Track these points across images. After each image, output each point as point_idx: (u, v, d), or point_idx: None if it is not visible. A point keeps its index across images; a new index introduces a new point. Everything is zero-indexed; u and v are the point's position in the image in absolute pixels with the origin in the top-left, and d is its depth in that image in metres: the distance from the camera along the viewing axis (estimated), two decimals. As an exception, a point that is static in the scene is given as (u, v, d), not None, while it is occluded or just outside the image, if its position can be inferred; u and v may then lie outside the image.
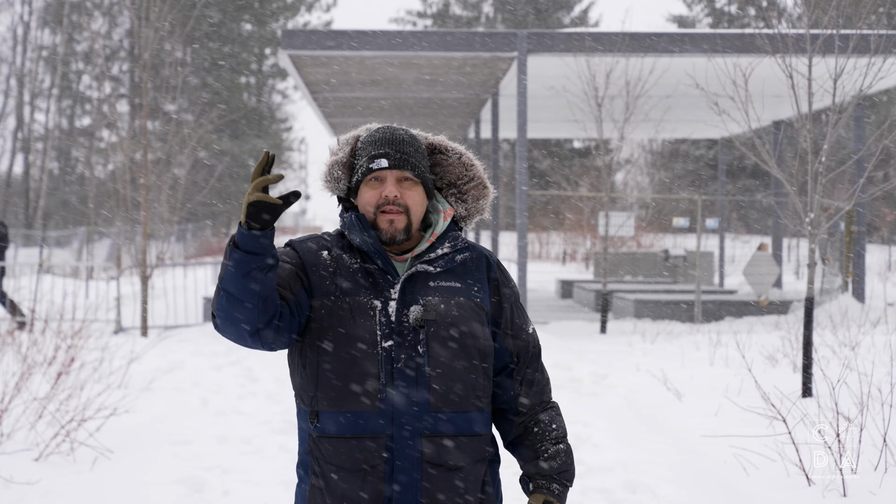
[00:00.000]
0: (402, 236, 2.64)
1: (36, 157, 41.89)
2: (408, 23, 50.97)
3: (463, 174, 2.80)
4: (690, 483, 5.93)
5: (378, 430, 2.54)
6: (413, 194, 2.67)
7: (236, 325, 2.49)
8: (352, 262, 2.66)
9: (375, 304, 2.59)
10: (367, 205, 2.66)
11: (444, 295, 2.64)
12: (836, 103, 8.12)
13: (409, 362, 2.56)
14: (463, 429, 2.59)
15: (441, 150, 2.81)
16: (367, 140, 2.72)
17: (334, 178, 2.75)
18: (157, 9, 14.42)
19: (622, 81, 14.80)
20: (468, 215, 2.81)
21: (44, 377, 7.85)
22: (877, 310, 14.85)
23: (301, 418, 2.66)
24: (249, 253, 2.41)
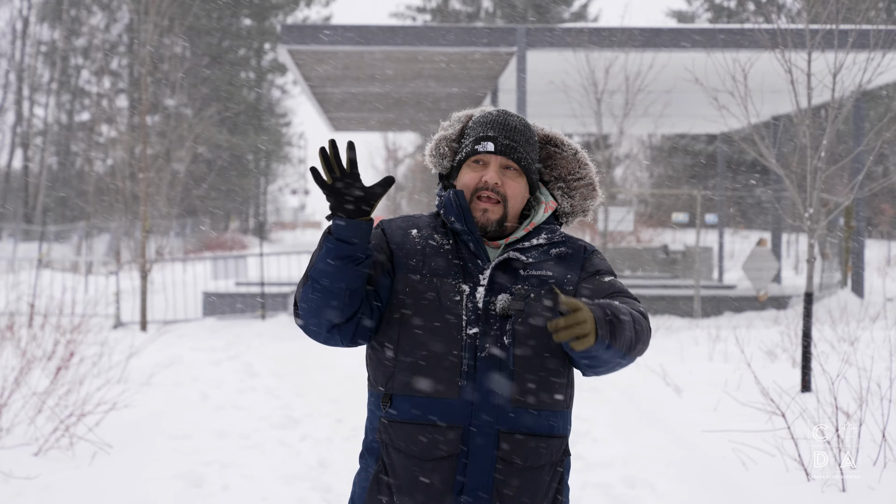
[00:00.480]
0: (494, 227, 2.54)
1: (35, 151, 41.85)
2: (407, 17, 50.91)
3: (575, 171, 2.70)
4: (690, 478, 5.94)
5: (455, 420, 2.42)
6: (514, 185, 2.56)
7: (319, 317, 2.42)
8: (443, 243, 2.57)
9: (463, 289, 2.49)
10: (465, 186, 2.56)
11: (534, 285, 2.51)
12: (835, 98, 8.12)
13: (493, 352, 2.44)
14: (543, 428, 2.47)
15: (556, 143, 2.72)
16: (479, 120, 2.62)
17: (440, 153, 2.66)
18: (157, 4, 14.40)
19: (621, 76, 14.80)
20: (572, 213, 2.71)
21: (43, 372, 7.85)
22: (876, 305, 14.86)
23: (373, 402, 2.54)
24: (343, 241, 2.36)
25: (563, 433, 2.53)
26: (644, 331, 2.45)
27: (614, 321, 2.30)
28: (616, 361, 2.39)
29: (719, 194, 22.33)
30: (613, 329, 2.29)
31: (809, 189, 8.01)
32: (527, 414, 2.44)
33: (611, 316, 2.29)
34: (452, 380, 2.42)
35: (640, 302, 2.55)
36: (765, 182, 33.98)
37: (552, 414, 2.48)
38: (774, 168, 8.29)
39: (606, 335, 2.26)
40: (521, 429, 2.43)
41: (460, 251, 2.54)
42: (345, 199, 2.35)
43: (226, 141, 38.46)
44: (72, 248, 27.22)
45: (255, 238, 41.63)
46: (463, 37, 14.79)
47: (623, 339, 2.32)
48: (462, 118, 2.69)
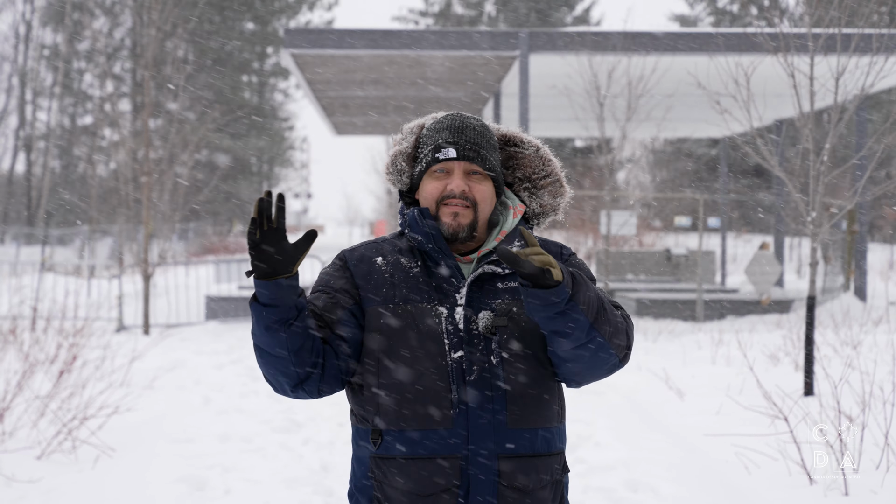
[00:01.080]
0: (466, 233, 2.40)
1: (38, 155, 41.90)
2: (410, 21, 50.96)
3: (539, 168, 2.56)
4: (692, 482, 5.93)
5: (451, 450, 2.29)
6: (482, 189, 2.42)
7: (275, 379, 2.33)
8: (411, 266, 2.42)
9: (441, 311, 2.35)
10: (429, 198, 2.42)
11: (515, 297, 2.38)
12: (837, 102, 8.12)
13: (482, 374, 2.31)
14: (542, 447, 2.36)
15: (516, 142, 2.58)
16: (434, 127, 2.48)
17: (397, 170, 2.51)
18: (159, 8, 14.43)
19: (624, 80, 14.81)
20: (542, 213, 2.57)
21: (46, 375, 7.86)
22: (878, 309, 14.84)
23: (360, 439, 2.41)
24: (268, 306, 2.23)
25: (560, 449, 2.44)
26: (620, 320, 2.35)
27: (577, 278, 2.25)
28: (592, 347, 2.28)
29: (722, 198, 22.32)
30: (576, 284, 2.23)
31: (812, 193, 8.00)
32: (524, 434, 2.33)
33: (575, 275, 2.25)
34: (443, 410, 2.30)
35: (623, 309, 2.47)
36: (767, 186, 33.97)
37: (548, 430, 2.38)
38: (777, 172, 8.29)
39: (569, 284, 2.20)
40: (521, 451, 2.33)
41: (431, 272, 2.41)
42: (264, 261, 2.20)
43: (228, 145, 38.50)
44: (75, 251, 27.23)
45: (258, 242, 41.56)
46: (465, 41, 14.81)
47: (587, 299, 2.24)
48: (414, 129, 2.54)
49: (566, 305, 2.19)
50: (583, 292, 2.23)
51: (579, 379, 2.39)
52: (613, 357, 2.34)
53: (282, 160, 50.65)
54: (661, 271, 22.92)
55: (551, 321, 2.22)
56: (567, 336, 2.25)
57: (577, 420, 7.49)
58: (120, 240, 19.27)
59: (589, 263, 32.53)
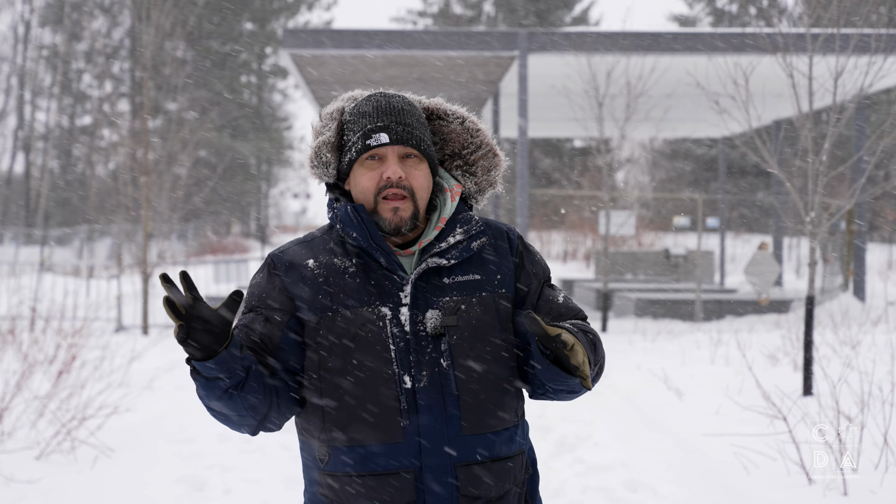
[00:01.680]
0: (409, 226, 2.20)
1: (37, 155, 41.90)
2: (408, 22, 50.96)
3: (468, 141, 2.33)
4: (691, 482, 5.93)
5: (405, 464, 2.12)
6: (419, 174, 2.22)
7: (235, 429, 2.19)
8: (346, 266, 2.20)
9: (384, 313, 2.15)
10: (365, 190, 2.21)
11: (463, 292, 2.20)
12: (836, 102, 8.12)
13: (432, 379, 2.13)
14: (502, 451, 2.20)
15: (440, 114, 2.35)
16: (359, 111, 2.26)
17: (323, 162, 2.26)
18: (158, 8, 14.43)
19: (623, 80, 14.81)
20: (479, 190, 2.34)
21: (45, 376, 7.86)
22: (877, 308, 14.85)
23: (307, 455, 2.25)
24: (214, 379, 2.04)
25: (521, 447, 2.27)
26: (603, 358, 2.27)
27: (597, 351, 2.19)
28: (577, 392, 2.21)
29: (721, 198, 22.34)
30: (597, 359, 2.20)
31: (811, 193, 8.01)
32: (482, 439, 2.16)
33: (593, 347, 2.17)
34: (392, 421, 2.11)
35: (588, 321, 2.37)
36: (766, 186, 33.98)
37: (506, 431, 2.21)
38: (776, 172, 8.29)
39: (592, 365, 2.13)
40: (479, 457, 2.16)
41: (370, 270, 2.19)
42: (198, 347, 1.99)
43: (227, 145, 38.50)
44: (73, 251, 27.24)
45: (257, 242, 41.64)
46: (464, 41, 14.81)
47: (601, 368, 2.24)
48: (334, 114, 2.30)
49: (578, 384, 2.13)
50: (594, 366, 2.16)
51: (551, 400, 2.28)
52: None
53: (280, 160, 50.65)
54: (660, 271, 22.94)
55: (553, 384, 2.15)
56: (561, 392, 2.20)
57: (577, 420, 7.49)
58: (119, 240, 19.26)
59: (588, 263, 32.57)
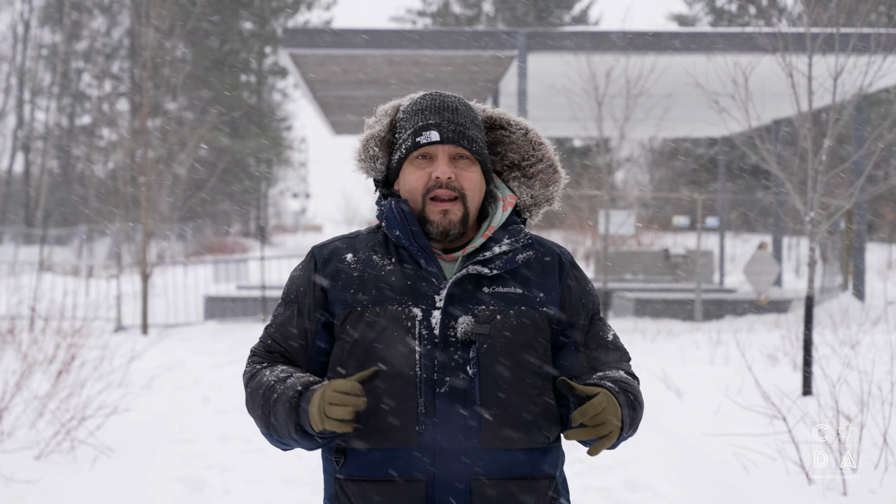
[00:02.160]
0: (458, 230, 2.14)
1: (36, 155, 41.88)
2: (408, 21, 50.95)
3: (529, 154, 2.27)
4: (691, 481, 5.93)
5: (416, 472, 2.06)
6: (471, 176, 2.15)
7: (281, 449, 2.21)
8: (384, 263, 2.16)
9: (414, 314, 2.10)
10: (413, 189, 2.16)
11: (500, 303, 2.12)
12: (836, 102, 8.12)
13: (455, 386, 2.06)
14: (523, 470, 2.10)
15: (502, 124, 2.29)
16: (412, 109, 2.21)
17: (370, 156, 2.23)
18: (157, 7, 14.42)
19: (622, 80, 14.81)
20: (534, 204, 2.27)
21: (44, 375, 7.85)
22: (877, 308, 14.85)
23: (325, 456, 2.20)
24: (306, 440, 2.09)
25: (549, 472, 2.15)
26: (641, 407, 2.20)
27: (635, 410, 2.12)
28: None
29: (720, 198, 22.34)
30: (634, 421, 2.12)
31: (810, 192, 8.01)
32: (502, 455, 2.08)
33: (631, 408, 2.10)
34: (407, 425, 2.05)
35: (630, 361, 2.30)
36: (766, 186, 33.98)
37: (532, 451, 2.12)
38: (775, 171, 8.29)
39: (627, 428, 2.08)
40: (497, 474, 2.07)
41: (408, 270, 2.14)
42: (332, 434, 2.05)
43: (227, 145, 38.49)
44: (73, 251, 27.24)
45: (257, 241, 41.64)
46: (463, 40, 14.81)
47: (636, 427, 2.15)
48: (389, 111, 2.27)
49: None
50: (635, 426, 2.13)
51: None
52: None
53: (280, 160, 50.63)
54: (660, 271, 22.93)
55: None
56: None
57: (576, 420, 7.48)
58: (118, 240, 19.26)
59: (587, 263, 32.59)
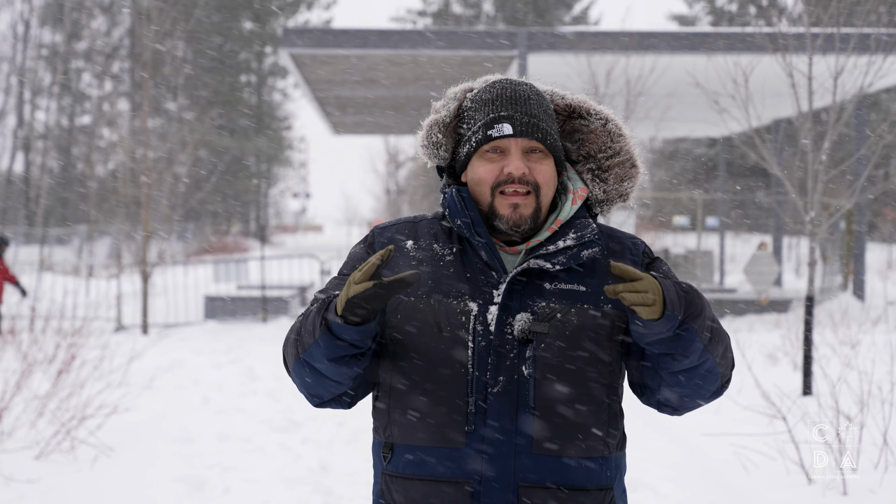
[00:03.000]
0: (529, 224, 2.04)
1: (36, 155, 41.88)
2: (408, 21, 50.96)
3: (607, 145, 2.16)
4: (691, 481, 5.93)
5: (463, 474, 1.97)
6: (544, 169, 2.05)
7: (312, 392, 2.08)
8: (444, 253, 2.08)
9: (470, 308, 2.01)
10: (482, 182, 2.05)
11: (562, 301, 2.01)
12: (836, 102, 8.12)
13: (509, 386, 1.97)
14: (577, 479, 2.00)
15: (582, 112, 2.18)
16: (481, 98, 2.10)
17: (433, 142, 2.13)
18: (158, 7, 14.43)
19: (622, 80, 14.80)
20: (607, 199, 2.16)
21: (44, 375, 7.85)
22: (877, 308, 14.84)
23: (374, 451, 2.13)
24: (342, 340, 1.94)
25: (606, 484, 2.04)
26: (728, 340, 2.04)
27: (690, 294, 1.92)
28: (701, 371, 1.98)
29: (720, 198, 22.33)
30: (691, 308, 1.91)
31: (811, 192, 8.01)
32: (554, 462, 1.98)
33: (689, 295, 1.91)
34: (457, 425, 1.98)
35: None
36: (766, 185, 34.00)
37: (588, 460, 2.01)
38: (776, 171, 8.29)
39: (679, 309, 1.87)
40: (548, 481, 1.98)
41: (468, 262, 2.06)
42: (360, 312, 1.90)
43: (227, 144, 38.51)
44: (73, 251, 27.25)
45: (257, 241, 41.64)
46: (463, 40, 14.82)
47: (704, 325, 1.93)
48: (458, 94, 2.16)
49: (678, 330, 1.91)
50: (698, 318, 1.93)
51: (679, 405, 2.08)
52: (717, 381, 2.04)
53: (280, 159, 50.64)
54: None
55: (657, 345, 1.94)
56: (676, 360, 1.96)
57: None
58: (118, 239, 19.26)
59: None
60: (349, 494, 5.67)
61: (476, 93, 2.13)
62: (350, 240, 54.03)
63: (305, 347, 1.99)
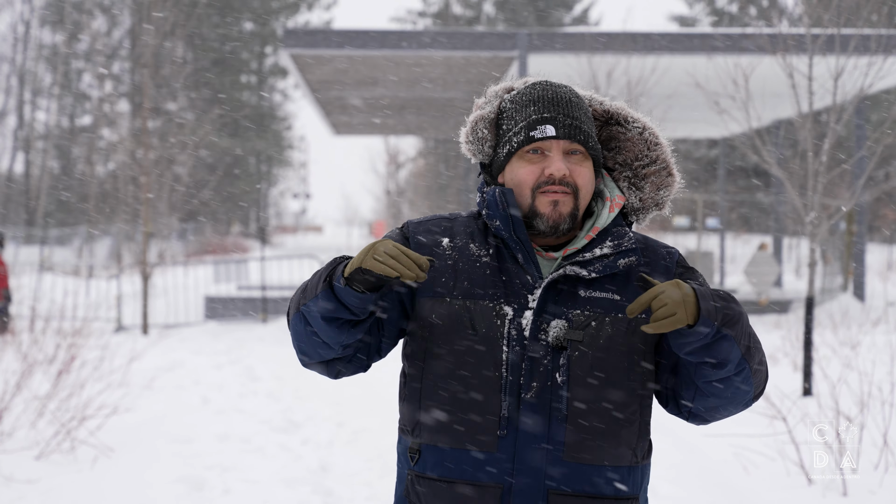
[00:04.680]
0: (567, 224, 2.03)
1: (36, 155, 41.88)
2: (408, 22, 50.95)
3: (643, 153, 2.15)
4: (690, 482, 5.93)
5: (492, 478, 1.98)
6: (584, 171, 2.05)
7: (302, 348, 2.09)
8: (480, 254, 2.07)
9: (505, 312, 2.00)
10: (522, 183, 2.05)
11: (597, 308, 2.01)
12: (836, 103, 8.12)
13: (542, 393, 1.97)
14: (606, 488, 2.01)
15: (619, 120, 2.17)
16: (522, 100, 2.10)
17: (479, 137, 2.13)
18: (158, 8, 14.43)
19: (623, 81, 14.80)
20: (643, 207, 2.16)
21: (44, 376, 7.85)
22: (877, 309, 14.84)
23: (401, 450, 2.13)
24: (343, 305, 1.96)
25: (632, 493, 2.05)
26: (765, 364, 2.03)
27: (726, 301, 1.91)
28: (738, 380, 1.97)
29: (720, 198, 22.32)
30: (729, 315, 1.90)
31: (811, 193, 8.01)
32: (584, 469, 1.99)
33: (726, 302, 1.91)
34: (488, 429, 1.98)
35: None
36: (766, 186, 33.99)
37: (618, 469, 2.02)
38: (776, 172, 8.30)
39: (716, 316, 1.87)
40: (577, 489, 1.98)
41: (504, 264, 2.05)
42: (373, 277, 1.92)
43: (227, 144, 38.49)
44: (73, 251, 27.24)
45: (257, 242, 41.64)
46: (464, 41, 14.82)
47: (742, 332, 1.93)
48: (500, 92, 2.18)
49: (716, 337, 1.90)
50: (735, 318, 1.93)
51: (711, 415, 2.07)
52: (751, 391, 2.03)
53: (280, 160, 50.64)
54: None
55: (695, 354, 1.94)
56: (714, 368, 1.96)
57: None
58: (118, 240, 19.26)
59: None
60: (349, 495, 5.67)
61: (516, 94, 2.13)
62: (350, 240, 54.02)
63: (306, 301, 2.01)
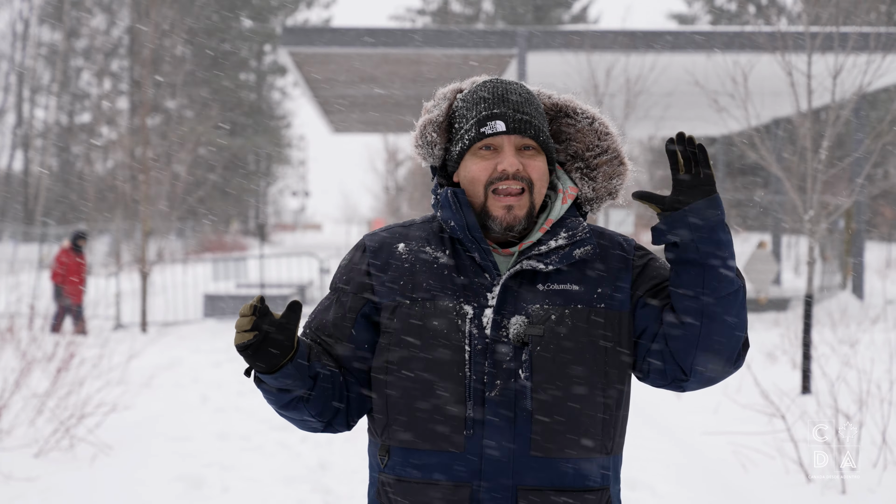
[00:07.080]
0: (523, 225, 2.04)
1: (35, 153, 41.85)
2: (407, 20, 50.93)
3: (594, 144, 2.15)
4: (690, 480, 5.94)
5: (460, 478, 1.98)
6: (537, 165, 2.05)
7: (302, 428, 2.12)
8: (437, 256, 2.07)
9: (465, 311, 2.01)
10: (475, 181, 2.05)
11: (556, 301, 2.02)
12: (835, 101, 8.12)
13: (506, 390, 1.97)
14: (576, 482, 2.00)
15: (568, 112, 2.18)
16: (473, 97, 2.10)
17: (427, 141, 2.12)
18: (157, 6, 14.42)
19: (622, 79, 14.80)
20: (596, 198, 2.16)
21: (43, 373, 7.85)
22: (876, 307, 14.85)
23: (371, 452, 2.13)
24: (280, 391, 2.00)
25: (602, 485, 2.04)
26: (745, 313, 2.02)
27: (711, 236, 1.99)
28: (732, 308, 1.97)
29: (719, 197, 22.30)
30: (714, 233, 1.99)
31: (809, 191, 8.01)
32: (552, 464, 1.98)
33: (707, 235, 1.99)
34: (455, 429, 1.98)
35: None
36: (765, 184, 33.99)
37: (588, 462, 2.01)
38: (775, 170, 8.29)
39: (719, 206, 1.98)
40: (545, 483, 1.98)
41: (462, 264, 2.05)
42: (263, 359, 1.93)
43: (226, 142, 38.49)
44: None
45: (256, 240, 41.62)
46: (463, 39, 14.82)
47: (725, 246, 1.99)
48: (448, 94, 2.15)
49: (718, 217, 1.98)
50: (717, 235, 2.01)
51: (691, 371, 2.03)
52: (740, 339, 2.01)
53: (279, 158, 50.63)
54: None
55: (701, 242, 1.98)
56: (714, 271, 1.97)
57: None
58: (118, 238, 19.26)
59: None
60: (348, 493, 5.67)
61: (467, 92, 2.13)
62: (349, 238, 54.00)
63: (267, 401, 2.08)
